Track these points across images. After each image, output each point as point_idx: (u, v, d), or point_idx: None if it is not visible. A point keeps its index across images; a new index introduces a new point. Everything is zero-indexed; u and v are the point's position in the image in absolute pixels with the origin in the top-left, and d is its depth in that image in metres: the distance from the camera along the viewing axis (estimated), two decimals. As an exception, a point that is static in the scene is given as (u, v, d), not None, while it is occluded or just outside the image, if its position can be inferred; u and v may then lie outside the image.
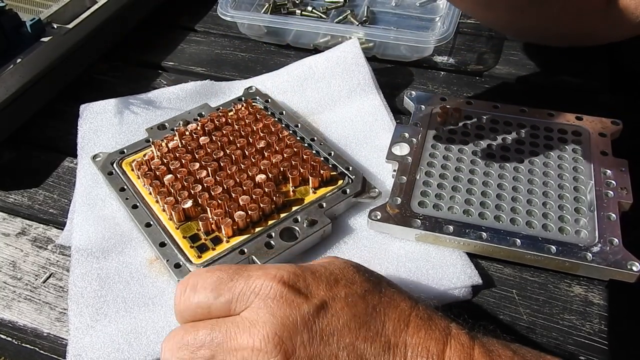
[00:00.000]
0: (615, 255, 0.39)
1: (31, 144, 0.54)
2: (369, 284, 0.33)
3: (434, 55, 0.62)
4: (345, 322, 0.30)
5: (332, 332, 0.30)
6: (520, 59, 0.61)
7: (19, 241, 0.45)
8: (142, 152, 0.49)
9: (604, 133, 0.48)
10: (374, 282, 0.33)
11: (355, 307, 0.31)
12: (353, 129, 0.52)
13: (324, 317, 0.30)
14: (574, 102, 0.54)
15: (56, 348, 0.38)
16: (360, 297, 0.32)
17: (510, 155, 0.47)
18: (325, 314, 0.30)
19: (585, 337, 0.37)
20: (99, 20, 0.62)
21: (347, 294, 0.32)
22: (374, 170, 0.48)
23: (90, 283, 0.40)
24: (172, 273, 0.39)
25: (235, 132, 0.48)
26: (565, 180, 0.45)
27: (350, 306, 0.31)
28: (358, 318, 0.31)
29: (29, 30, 0.54)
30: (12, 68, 0.52)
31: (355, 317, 0.31)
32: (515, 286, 0.40)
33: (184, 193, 0.43)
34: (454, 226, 0.41)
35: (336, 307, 0.31)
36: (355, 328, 0.30)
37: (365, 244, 0.43)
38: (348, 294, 0.32)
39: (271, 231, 0.42)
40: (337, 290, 0.32)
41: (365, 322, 0.31)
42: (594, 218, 0.42)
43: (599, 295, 0.40)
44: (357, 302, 0.31)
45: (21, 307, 0.41)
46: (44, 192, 0.49)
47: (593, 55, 0.60)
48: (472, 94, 0.57)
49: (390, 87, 0.58)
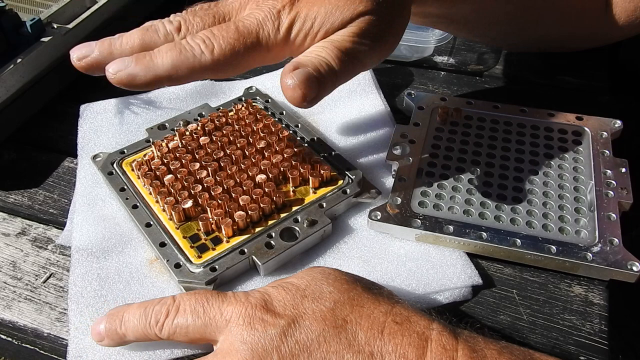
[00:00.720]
0: (615, 255, 0.39)
1: (31, 144, 0.54)
2: (340, 294, 0.32)
3: (434, 55, 0.62)
4: (314, 337, 0.30)
5: (302, 349, 0.30)
6: (520, 59, 0.61)
7: (19, 241, 0.45)
8: (142, 152, 0.49)
9: (604, 133, 0.48)
10: (346, 290, 0.33)
11: (324, 322, 0.31)
12: (353, 129, 0.52)
13: (293, 336, 0.31)
14: (574, 102, 0.54)
15: (56, 348, 0.38)
16: (329, 310, 0.32)
17: (510, 155, 0.47)
18: (294, 332, 0.31)
19: (585, 337, 0.37)
20: (99, 20, 0.61)
21: (315, 309, 0.32)
22: (374, 170, 0.48)
23: (91, 283, 0.40)
24: (172, 273, 0.39)
25: (235, 132, 0.48)
26: (566, 180, 0.45)
27: (318, 321, 0.31)
28: (328, 331, 0.31)
29: (29, 30, 0.54)
30: (12, 68, 0.52)
31: (324, 330, 0.31)
32: (516, 286, 0.41)
33: (184, 193, 0.43)
34: (454, 226, 0.41)
35: (305, 324, 0.31)
36: (325, 342, 0.30)
37: (365, 244, 0.43)
38: (315, 309, 0.32)
39: (271, 231, 0.42)
40: (304, 307, 0.32)
41: (336, 334, 0.31)
42: (594, 218, 0.42)
43: (599, 295, 0.40)
44: (325, 316, 0.31)
45: (21, 307, 0.41)
46: (44, 192, 0.49)
47: (593, 55, 0.60)
48: (472, 94, 0.57)
49: (390, 87, 0.58)
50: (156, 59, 0.35)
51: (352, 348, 0.30)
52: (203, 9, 0.39)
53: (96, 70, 0.36)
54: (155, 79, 0.35)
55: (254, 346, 0.30)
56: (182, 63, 0.35)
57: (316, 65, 0.35)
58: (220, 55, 0.35)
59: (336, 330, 0.31)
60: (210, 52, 0.35)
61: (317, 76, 0.35)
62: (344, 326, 0.31)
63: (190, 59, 0.35)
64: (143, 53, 0.35)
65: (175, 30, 0.37)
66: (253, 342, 0.30)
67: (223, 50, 0.35)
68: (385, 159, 0.47)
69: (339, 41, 0.37)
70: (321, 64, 0.35)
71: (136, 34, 0.37)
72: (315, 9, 0.37)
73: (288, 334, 0.31)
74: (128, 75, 0.34)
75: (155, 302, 0.33)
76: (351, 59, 0.37)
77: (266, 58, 0.37)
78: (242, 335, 0.31)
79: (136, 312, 0.34)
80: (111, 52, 0.36)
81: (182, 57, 0.35)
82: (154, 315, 0.33)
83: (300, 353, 0.30)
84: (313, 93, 0.35)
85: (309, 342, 0.30)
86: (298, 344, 0.30)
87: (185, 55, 0.35)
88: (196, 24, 0.37)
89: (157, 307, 0.33)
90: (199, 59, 0.35)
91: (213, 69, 0.35)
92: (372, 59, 0.39)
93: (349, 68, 0.37)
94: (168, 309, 0.33)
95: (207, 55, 0.35)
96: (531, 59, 0.61)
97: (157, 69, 0.35)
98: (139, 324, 0.33)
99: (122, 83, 0.35)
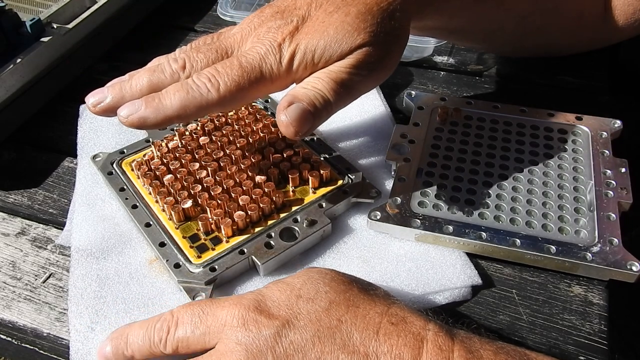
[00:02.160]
0: (615, 255, 0.39)
1: (31, 144, 0.54)
2: (336, 295, 0.33)
3: (434, 55, 0.62)
4: (309, 338, 0.31)
5: (296, 349, 0.30)
6: (520, 59, 0.61)
7: (18, 241, 0.45)
8: (142, 152, 0.49)
9: (603, 133, 0.48)
10: (342, 291, 0.33)
11: (318, 322, 0.31)
12: (353, 129, 0.52)
13: (287, 337, 0.31)
14: (574, 102, 0.54)
15: (56, 348, 0.38)
16: (324, 310, 0.32)
17: (510, 155, 0.47)
18: (288, 333, 0.31)
19: (585, 337, 0.37)
20: (99, 20, 0.62)
21: (310, 309, 0.32)
22: (374, 170, 0.48)
23: (90, 284, 0.40)
24: (171, 273, 0.39)
25: (235, 132, 0.48)
26: (565, 180, 0.45)
27: (313, 322, 0.31)
28: (322, 332, 0.31)
29: (29, 30, 0.54)
30: (12, 68, 0.52)
31: (319, 331, 0.31)
32: (515, 286, 0.40)
33: (183, 193, 0.43)
34: (454, 226, 0.41)
35: (299, 325, 0.31)
36: (320, 342, 0.30)
37: (365, 244, 0.43)
38: (310, 310, 0.32)
39: (271, 231, 0.42)
40: (298, 308, 0.32)
41: (330, 335, 0.31)
42: (593, 218, 0.42)
43: (599, 295, 0.40)
44: (320, 317, 0.31)
45: (21, 307, 0.41)
46: (44, 192, 0.49)
47: (593, 55, 0.60)
48: (472, 94, 0.57)
49: (390, 87, 0.58)
50: (165, 100, 0.36)
51: (346, 348, 0.30)
52: (206, 44, 0.40)
53: (111, 113, 0.38)
54: (165, 119, 0.36)
55: (249, 347, 0.30)
56: (190, 102, 0.36)
57: (311, 99, 0.37)
58: (226, 92, 0.36)
59: (331, 331, 0.31)
60: (216, 90, 0.36)
61: (312, 111, 0.37)
62: (339, 326, 0.31)
63: (198, 98, 0.36)
64: (152, 95, 0.37)
65: (181, 69, 0.38)
66: (248, 343, 0.30)
67: (228, 87, 0.36)
68: (385, 159, 0.47)
69: (336, 72, 0.38)
70: (316, 97, 0.37)
71: (144, 75, 0.38)
72: (315, 42, 0.38)
73: (282, 334, 0.31)
74: (139, 118, 0.36)
75: (155, 320, 0.34)
76: (347, 90, 0.39)
77: (270, 89, 0.39)
78: (236, 336, 0.31)
79: (139, 332, 0.34)
80: (122, 96, 0.38)
81: (189, 97, 0.36)
82: (157, 334, 0.33)
83: (294, 353, 0.30)
84: (305, 128, 0.37)
85: (303, 342, 0.30)
86: (292, 345, 0.30)
87: (193, 95, 0.36)
88: (200, 60, 0.38)
89: (158, 325, 0.34)
90: (206, 97, 0.36)
91: (220, 105, 0.37)
92: (368, 87, 0.41)
93: (344, 98, 0.39)
94: (168, 325, 0.33)
95: (214, 93, 0.36)
96: (531, 59, 0.61)
97: (166, 110, 0.36)
98: (144, 345, 0.34)
99: (134, 125, 0.36)
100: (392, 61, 0.41)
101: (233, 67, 0.37)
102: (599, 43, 0.57)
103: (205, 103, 0.36)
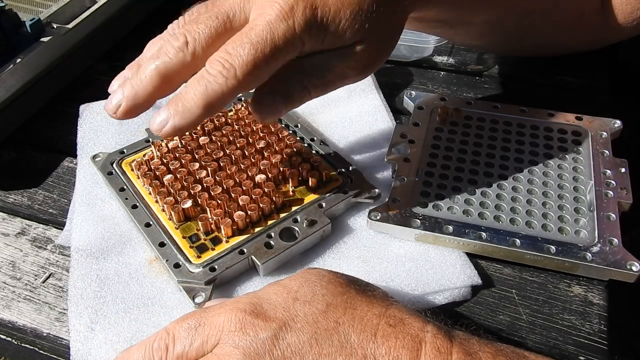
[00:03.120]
0: (614, 255, 0.39)
1: (31, 144, 0.54)
2: (333, 297, 0.32)
3: (433, 55, 0.62)
4: (306, 340, 0.30)
5: (294, 352, 0.30)
6: (520, 59, 0.61)
7: (18, 241, 0.45)
8: (142, 152, 0.49)
9: (603, 133, 0.48)
10: (340, 292, 0.33)
11: (315, 324, 0.31)
12: (353, 129, 0.52)
13: (284, 339, 0.30)
14: (574, 102, 0.54)
15: (56, 348, 0.38)
16: (321, 312, 0.31)
17: (510, 155, 0.47)
18: (286, 335, 0.31)
19: (585, 337, 0.37)
20: (99, 20, 0.62)
21: (307, 312, 0.31)
22: (374, 170, 0.48)
23: (90, 284, 0.40)
24: (171, 273, 0.39)
25: (235, 132, 0.48)
26: (565, 180, 0.45)
27: (310, 324, 0.31)
28: (320, 334, 0.31)
29: (29, 30, 0.54)
30: (12, 68, 0.52)
31: (316, 333, 0.31)
32: (515, 286, 0.40)
33: (183, 193, 0.43)
34: (454, 226, 0.41)
35: (296, 327, 0.31)
36: (317, 345, 0.30)
37: (365, 244, 0.43)
38: (307, 312, 0.31)
39: (271, 231, 0.42)
40: (295, 310, 0.32)
41: (328, 337, 0.30)
42: (593, 218, 0.42)
43: (599, 295, 0.40)
44: (317, 319, 0.31)
45: (21, 307, 0.41)
46: (44, 192, 0.49)
47: (593, 55, 0.60)
48: (472, 94, 0.57)
49: (390, 87, 0.58)
50: (187, 103, 0.35)
51: (344, 350, 0.30)
52: (202, 12, 0.37)
53: (133, 114, 0.37)
54: (196, 119, 0.35)
55: (247, 350, 0.30)
56: (212, 97, 0.34)
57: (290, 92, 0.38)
58: (244, 75, 0.34)
59: (328, 333, 0.31)
60: (233, 77, 0.34)
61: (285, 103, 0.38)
62: (336, 329, 0.31)
63: (218, 90, 0.34)
64: (174, 100, 0.35)
65: (184, 45, 0.36)
66: (245, 347, 0.30)
67: (244, 69, 0.34)
68: (385, 159, 0.47)
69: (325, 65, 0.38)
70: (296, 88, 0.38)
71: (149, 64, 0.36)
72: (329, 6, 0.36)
73: (280, 337, 0.30)
74: (172, 127, 0.35)
75: (152, 340, 0.33)
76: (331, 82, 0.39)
77: (293, 54, 0.36)
78: (234, 340, 0.31)
79: (137, 355, 0.33)
80: (136, 92, 0.36)
81: (210, 91, 0.34)
82: (156, 354, 0.33)
83: (292, 356, 0.30)
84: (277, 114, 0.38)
85: (300, 344, 0.30)
86: (290, 347, 0.30)
87: (212, 88, 0.34)
88: (202, 31, 0.36)
89: (156, 345, 0.33)
90: (226, 86, 0.34)
91: (243, 88, 0.35)
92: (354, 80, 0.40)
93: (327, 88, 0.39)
94: (166, 343, 0.33)
95: (232, 80, 0.34)
96: (531, 59, 0.61)
97: (193, 112, 0.35)
98: None
99: (169, 135, 0.36)
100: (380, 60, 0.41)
101: (244, 46, 0.34)
102: (598, 43, 0.57)
103: (227, 91, 0.34)
